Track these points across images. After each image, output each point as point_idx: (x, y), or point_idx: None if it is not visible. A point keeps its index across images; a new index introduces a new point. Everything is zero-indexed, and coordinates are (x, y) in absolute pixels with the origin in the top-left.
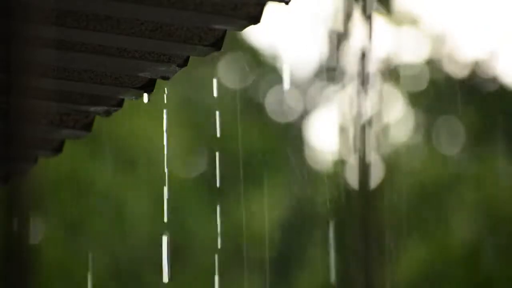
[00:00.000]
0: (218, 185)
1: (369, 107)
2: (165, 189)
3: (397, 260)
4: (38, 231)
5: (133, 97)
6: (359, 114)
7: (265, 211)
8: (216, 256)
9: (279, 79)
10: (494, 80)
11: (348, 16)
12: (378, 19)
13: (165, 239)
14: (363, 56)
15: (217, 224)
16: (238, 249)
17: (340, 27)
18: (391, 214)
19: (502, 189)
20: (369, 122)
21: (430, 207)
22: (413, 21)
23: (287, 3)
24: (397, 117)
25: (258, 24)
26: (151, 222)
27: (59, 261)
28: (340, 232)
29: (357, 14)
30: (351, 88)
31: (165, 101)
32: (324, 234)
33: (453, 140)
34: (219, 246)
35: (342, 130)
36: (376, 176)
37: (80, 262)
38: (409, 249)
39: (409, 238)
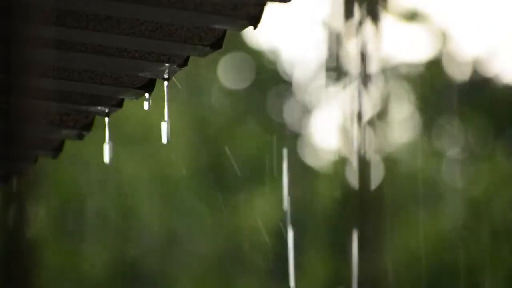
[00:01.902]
0: (217, 185)
1: (370, 107)
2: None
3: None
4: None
5: (133, 97)
6: (360, 114)
7: (265, 210)
8: (214, 256)
9: (279, 79)
10: (495, 79)
11: (348, 15)
12: (379, 18)
13: None
14: (364, 55)
15: (216, 224)
16: (237, 248)
17: (340, 26)
18: (391, 214)
19: (502, 188)
20: (370, 121)
21: (430, 206)
22: (415, 20)
23: (286, 2)
24: (398, 116)
25: (258, 24)
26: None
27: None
28: (339, 232)
29: (357, 13)
30: (352, 87)
31: (165, 101)
32: (323, 234)
33: (454, 139)
34: (217, 245)
35: (343, 129)
36: (376, 175)
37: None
38: (409, 248)
39: (409, 237)
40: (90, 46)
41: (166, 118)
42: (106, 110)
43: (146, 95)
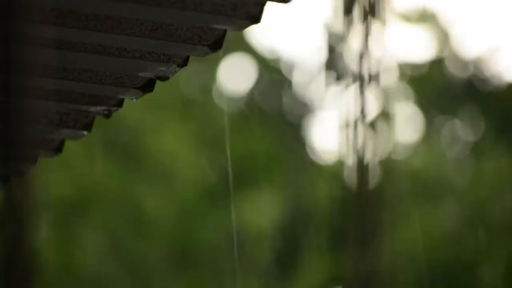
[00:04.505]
0: (218, 185)
1: (371, 107)
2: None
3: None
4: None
5: (133, 97)
6: (361, 114)
7: (265, 211)
8: (216, 256)
9: (280, 79)
10: (497, 78)
11: (349, 15)
12: (381, 18)
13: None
14: (365, 55)
15: (217, 225)
16: (237, 249)
17: (341, 26)
18: (390, 214)
19: (505, 187)
20: (371, 122)
21: (430, 206)
22: (416, 20)
23: (286, 2)
24: (400, 116)
25: (258, 24)
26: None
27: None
28: (339, 233)
29: (358, 13)
30: (353, 88)
31: (166, 102)
32: (323, 235)
33: (455, 139)
34: (219, 247)
35: (344, 130)
36: (377, 176)
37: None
38: (407, 248)
39: (410, 236)
40: (90, 46)
41: None
42: (106, 110)
43: None
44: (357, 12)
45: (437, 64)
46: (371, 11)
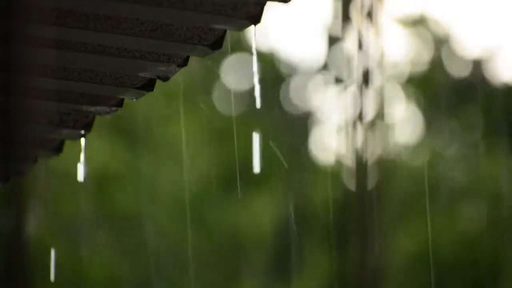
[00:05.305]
0: (217, 186)
1: (369, 108)
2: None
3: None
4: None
5: (133, 97)
6: (359, 115)
7: (265, 211)
8: (215, 257)
9: (279, 80)
10: (497, 78)
11: (348, 17)
12: (379, 20)
13: None
14: (363, 57)
15: (217, 225)
16: (237, 249)
17: (340, 28)
18: (389, 215)
19: (504, 187)
20: (370, 122)
21: (430, 207)
22: (416, 22)
23: (286, 2)
24: (398, 117)
25: (259, 24)
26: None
27: None
28: (338, 233)
29: (357, 15)
30: (351, 89)
31: (166, 102)
32: (322, 235)
33: (454, 139)
34: (218, 244)
35: (342, 131)
36: (376, 176)
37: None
38: (405, 249)
39: (411, 236)
40: (90, 46)
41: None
42: (106, 110)
43: None
44: (355, 14)
45: (436, 64)
46: (369, 14)
